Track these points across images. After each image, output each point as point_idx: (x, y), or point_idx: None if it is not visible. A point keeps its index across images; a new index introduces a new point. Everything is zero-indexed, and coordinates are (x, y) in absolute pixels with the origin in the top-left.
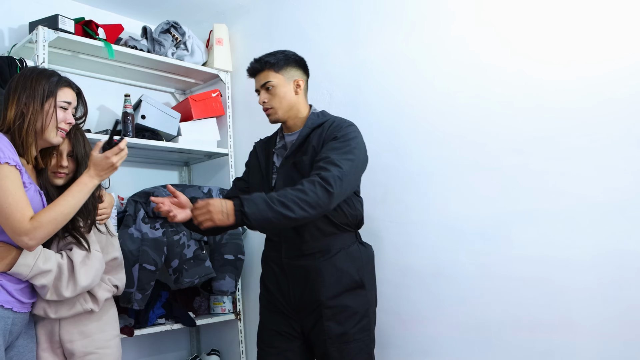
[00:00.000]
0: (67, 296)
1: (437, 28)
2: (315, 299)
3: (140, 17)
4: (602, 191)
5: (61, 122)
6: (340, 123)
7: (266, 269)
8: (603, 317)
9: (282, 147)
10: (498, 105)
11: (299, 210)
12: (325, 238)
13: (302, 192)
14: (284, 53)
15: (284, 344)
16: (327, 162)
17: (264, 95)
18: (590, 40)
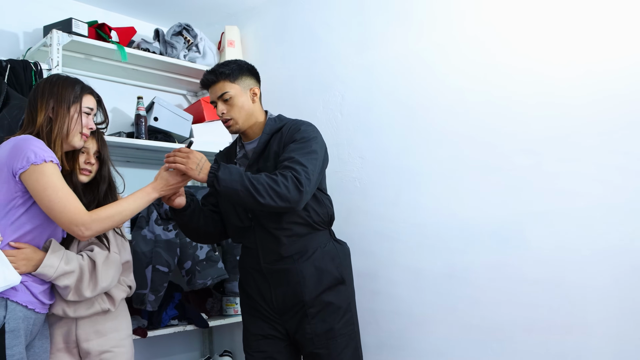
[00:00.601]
0: (87, 296)
1: (448, 28)
2: (298, 300)
3: (153, 20)
4: (616, 191)
5: (84, 127)
6: (298, 124)
7: (245, 275)
8: (618, 319)
9: (243, 156)
10: (510, 106)
11: (267, 197)
12: (301, 239)
13: (275, 182)
14: (237, 63)
15: (270, 347)
16: (292, 162)
17: (222, 106)
18: (604, 38)
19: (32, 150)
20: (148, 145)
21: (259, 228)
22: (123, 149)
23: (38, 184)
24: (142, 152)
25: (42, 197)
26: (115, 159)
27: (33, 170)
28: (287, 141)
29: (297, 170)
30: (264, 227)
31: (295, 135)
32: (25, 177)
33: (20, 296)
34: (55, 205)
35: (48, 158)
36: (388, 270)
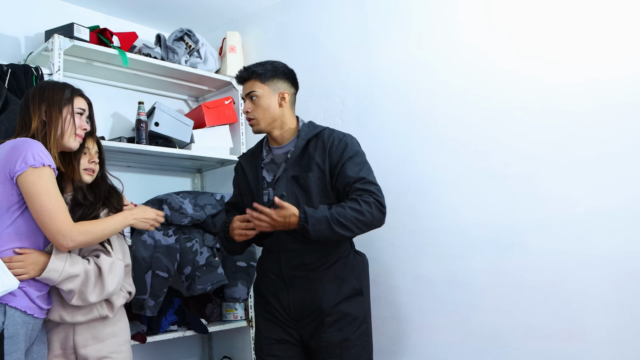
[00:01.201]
0: (92, 301)
1: (449, 35)
2: (316, 308)
3: (154, 25)
4: (615, 198)
5: (78, 128)
6: (340, 137)
7: (264, 279)
8: (617, 325)
9: (270, 161)
10: (511, 113)
11: (356, 230)
12: (324, 248)
13: (361, 213)
14: (273, 64)
15: (283, 352)
16: (366, 184)
17: (248, 104)
18: (604, 46)
19: (32, 152)
20: (149, 150)
21: (282, 233)
22: (124, 154)
23: (34, 187)
24: (143, 157)
25: (35, 201)
26: (116, 164)
27: (31, 173)
28: (337, 157)
29: (374, 192)
30: (288, 233)
31: (347, 151)
32: (21, 179)
33: (19, 301)
34: (46, 211)
35: (47, 162)
36: (388, 276)
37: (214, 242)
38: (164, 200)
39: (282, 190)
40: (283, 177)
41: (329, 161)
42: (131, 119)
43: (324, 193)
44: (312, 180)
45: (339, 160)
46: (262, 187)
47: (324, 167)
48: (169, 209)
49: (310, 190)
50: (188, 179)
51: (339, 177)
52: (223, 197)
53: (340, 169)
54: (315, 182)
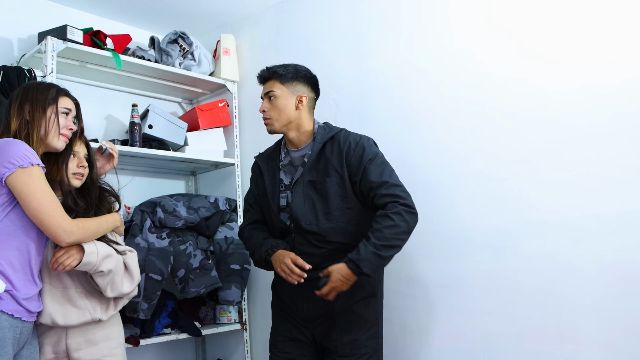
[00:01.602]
0: (125, 291)
1: (442, 38)
2: (328, 309)
3: (148, 28)
4: (609, 202)
5: (63, 128)
6: (357, 140)
7: (279, 278)
8: (610, 329)
9: (289, 163)
10: (504, 116)
11: (401, 242)
12: (338, 253)
13: (397, 226)
14: (296, 67)
15: (295, 350)
16: (390, 188)
17: (266, 104)
18: (598, 50)
19: (18, 153)
20: (142, 152)
21: (298, 236)
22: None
23: (27, 187)
24: (137, 159)
25: (31, 200)
26: None
27: (21, 174)
28: (356, 162)
29: (399, 196)
30: (304, 236)
31: (365, 156)
32: (11, 180)
33: (5, 305)
34: (44, 208)
35: (35, 161)
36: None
37: (208, 245)
38: (157, 202)
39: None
40: (300, 181)
41: (348, 167)
42: (125, 121)
43: (342, 198)
44: (330, 185)
45: (359, 166)
46: (279, 190)
47: (342, 172)
48: (163, 212)
49: (327, 196)
50: (182, 182)
51: (362, 182)
52: (217, 200)
53: (362, 175)
54: (334, 188)
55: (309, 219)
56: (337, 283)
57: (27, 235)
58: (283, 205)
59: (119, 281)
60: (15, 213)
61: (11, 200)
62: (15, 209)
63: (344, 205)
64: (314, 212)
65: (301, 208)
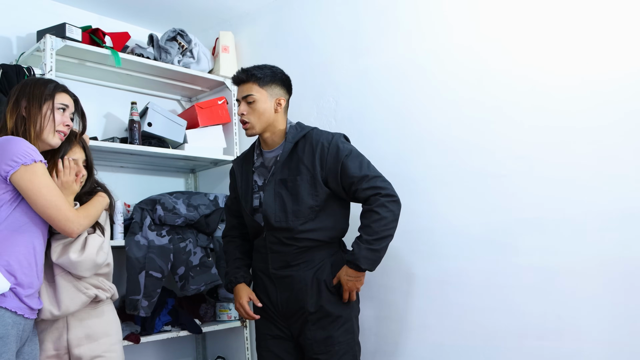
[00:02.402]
0: (73, 259)
1: (442, 35)
2: (300, 307)
3: (147, 25)
4: (609, 198)
5: (59, 125)
6: (334, 141)
7: (256, 279)
8: (610, 325)
9: (261, 165)
10: (503, 112)
11: (391, 231)
12: (310, 250)
13: (383, 219)
14: (272, 69)
15: (278, 347)
16: (369, 180)
17: (244, 107)
18: (596, 46)
19: (20, 150)
20: (142, 150)
21: (270, 234)
22: (117, 154)
23: (32, 184)
24: (136, 157)
25: (38, 197)
26: (108, 165)
27: (25, 171)
28: (333, 161)
29: (381, 187)
30: (275, 235)
31: (340, 153)
32: (16, 177)
33: (9, 302)
34: (52, 204)
35: (37, 158)
36: (381, 276)
37: (208, 242)
38: (157, 200)
39: (269, 196)
40: (271, 180)
41: (324, 166)
42: (124, 119)
43: (313, 196)
44: (301, 184)
45: (336, 163)
46: (252, 191)
47: (313, 171)
48: (162, 209)
49: (298, 194)
50: (181, 179)
51: (342, 178)
52: (216, 197)
53: (341, 171)
54: (304, 186)
55: (278, 216)
56: (348, 284)
57: (33, 230)
58: (256, 205)
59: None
60: (20, 209)
61: (16, 197)
62: (21, 205)
63: (313, 204)
64: (284, 210)
65: (271, 206)
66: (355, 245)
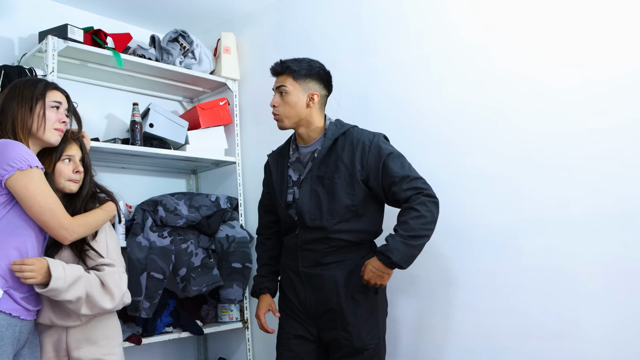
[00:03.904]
0: (107, 308)
1: (444, 36)
2: (329, 307)
3: (149, 26)
4: (611, 199)
5: (55, 122)
6: (371, 138)
7: (284, 276)
8: (612, 326)
9: (296, 160)
10: (506, 113)
11: (428, 232)
12: (341, 249)
13: (422, 217)
14: (310, 64)
15: (300, 347)
16: (411, 181)
17: (276, 98)
18: (600, 46)
19: (17, 155)
20: (143, 151)
21: (302, 232)
22: (118, 155)
23: (27, 190)
24: (138, 158)
25: (33, 202)
26: (110, 166)
27: (20, 176)
28: (375, 160)
29: (421, 188)
30: (307, 232)
31: (382, 153)
32: (11, 182)
33: (3, 304)
34: (46, 210)
35: (33, 163)
36: None
37: (209, 243)
38: (158, 201)
39: (305, 192)
40: (308, 176)
41: (365, 165)
42: (125, 120)
43: (349, 195)
44: (338, 182)
45: (378, 163)
46: (287, 186)
47: (352, 169)
48: (164, 210)
49: (334, 192)
50: (183, 180)
51: (383, 177)
52: (218, 199)
53: (382, 171)
54: (342, 184)
55: (313, 214)
56: (368, 274)
57: (26, 233)
58: (290, 201)
59: (98, 300)
60: (14, 212)
61: (10, 200)
62: (14, 208)
63: (350, 203)
64: (319, 208)
65: (306, 203)
66: (390, 238)
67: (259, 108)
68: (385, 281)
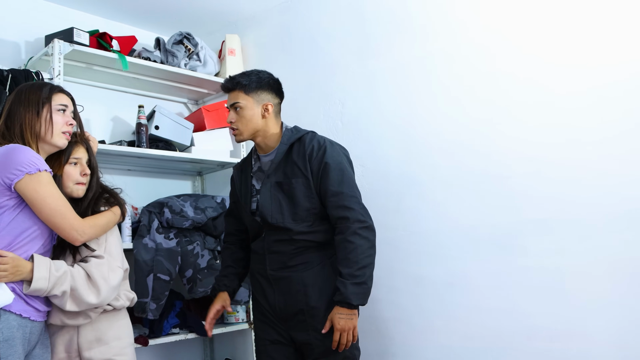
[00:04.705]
0: (92, 302)
1: (449, 37)
2: (298, 309)
3: (154, 29)
4: (616, 199)
5: (63, 125)
6: (324, 145)
7: (254, 281)
8: (618, 326)
9: (258, 169)
10: (510, 113)
11: (371, 259)
12: (308, 251)
13: (359, 247)
14: (259, 75)
15: (277, 352)
16: (344, 198)
17: (232, 115)
18: (603, 47)
19: (25, 159)
20: (149, 153)
21: (268, 234)
22: (124, 157)
23: (37, 193)
24: (144, 160)
25: (43, 206)
26: (116, 168)
27: (29, 180)
28: (317, 164)
29: (352, 207)
30: (273, 235)
31: (325, 158)
32: (21, 186)
33: (13, 305)
34: (57, 213)
35: (42, 167)
36: (389, 277)
37: (215, 244)
38: (164, 203)
39: (265, 199)
40: (267, 183)
41: (310, 168)
42: (131, 122)
43: (309, 199)
44: (296, 186)
45: (319, 168)
46: (251, 195)
47: (306, 173)
48: (170, 212)
49: (294, 197)
50: (188, 182)
51: (320, 186)
52: (224, 200)
53: (321, 177)
54: (300, 188)
55: (275, 217)
56: (340, 323)
57: (36, 235)
58: (254, 208)
59: (82, 294)
60: (24, 215)
61: (20, 203)
62: (24, 210)
63: (310, 206)
64: (281, 212)
65: (268, 207)
66: (340, 284)
67: None
68: (356, 321)
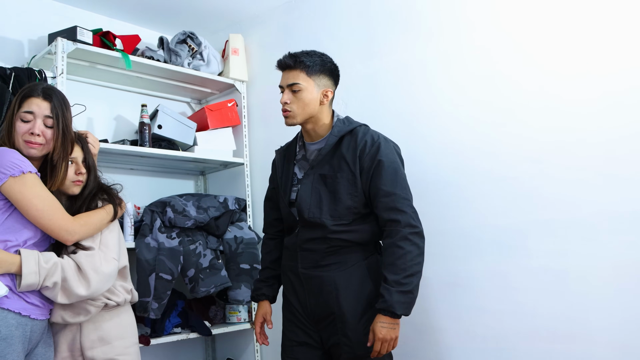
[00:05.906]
0: (81, 294)
1: (453, 38)
2: (330, 311)
3: (157, 28)
4: (620, 200)
5: (24, 134)
6: (378, 141)
7: (285, 279)
8: (622, 328)
9: (302, 158)
10: (514, 114)
11: (419, 266)
12: (342, 250)
13: (409, 253)
14: (322, 58)
15: (304, 354)
16: (396, 200)
17: (288, 95)
18: (607, 48)
19: (8, 161)
20: (152, 153)
21: (302, 230)
22: (127, 156)
23: (22, 195)
24: (146, 159)
25: (29, 207)
26: (119, 167)
27: (14, 183)
28: (369, 162)
29: (404, 210)
30: (307, 231)
31: (379, 155)
32: (6, 189)
33: (11, 303)
34: (44, 214)
35: (26, 169)
36: None
37: (217, 244)
38: (167, 202)
39: (306, 190)
40: (310, 174)
41: (360, 164)
42: (134, 121)
43: (352, 196)
44: (341, 181)
45: (371, 165)
46: (292, 184)
47: (354, 169)
48: (172, 212)
49: (337, 192)
50: (191, 182)
51: (370, 185)
52: (226, 200)
53: (372, 175)
54: (344, 184)
55: (312, 211)
56: (382, 332)
57: (29, 235)
58: (293, 199)
59: (72, 285)
60: (15, 216)
61: (9, 206)
62: (14, 213)
63: (352, 204)
64: (319, 207)
65: (306, 200)
66: (385, 291)
67: (267, 109)
68: (398, 332)
